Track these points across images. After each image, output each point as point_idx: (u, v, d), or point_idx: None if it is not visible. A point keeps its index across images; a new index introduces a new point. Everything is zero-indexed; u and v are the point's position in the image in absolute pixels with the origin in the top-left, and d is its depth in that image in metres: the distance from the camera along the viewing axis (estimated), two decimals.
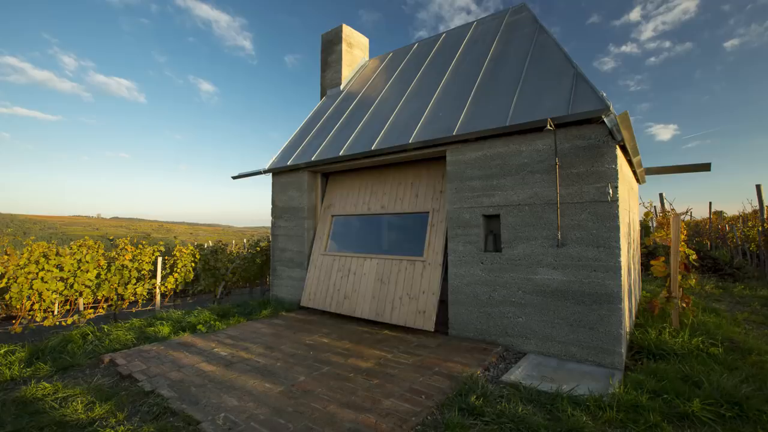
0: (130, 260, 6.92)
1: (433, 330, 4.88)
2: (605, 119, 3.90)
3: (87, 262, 6.19)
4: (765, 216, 9.88)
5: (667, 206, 5.70)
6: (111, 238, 7.64)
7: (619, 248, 3.90)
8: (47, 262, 5.75)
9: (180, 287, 7.86)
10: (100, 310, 6.67)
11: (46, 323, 5.70)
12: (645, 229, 11.82)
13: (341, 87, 9.03)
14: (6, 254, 5.78)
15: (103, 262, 6.51)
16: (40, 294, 5.68)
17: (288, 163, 7.32)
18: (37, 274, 5.61)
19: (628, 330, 4.31)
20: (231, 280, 8.34)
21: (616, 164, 3.96)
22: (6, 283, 5.46)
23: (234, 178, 8.22)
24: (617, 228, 3.92)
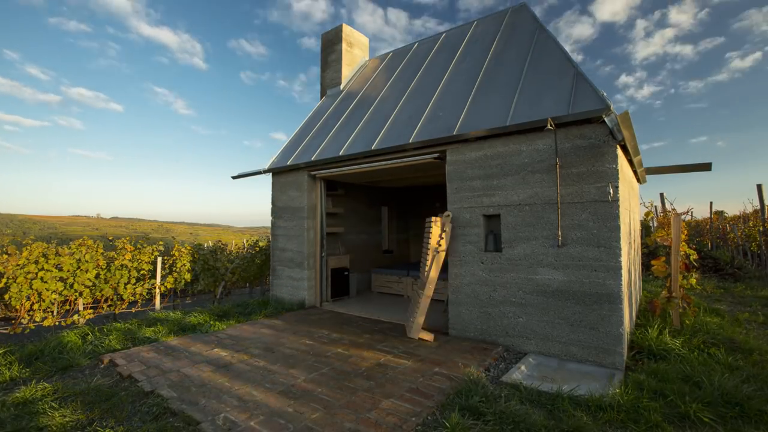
0: (130, 260, 6.90)
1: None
2: (606, 119, 3.89)
3: (86, 261, 6.17)
4: (766, 216, 9.86)
5: (667, 206, 5.69)
6: (110, 238, 7.62)
7: (619, 248, 3.89)
8: (47, 262, 5.73)
9: (180, 287, 7.84)
10: (100, 311, 6.66)
11: (46, 323, 5.69)
12: (646, 228, 11.80)
13: (341, 87, 9.02)
14: (6, 254, 5.76)
15: (102, 262, 6.49)
16: (39, 294, 5.66)
17: (288, 163, 7.31)
18: (36, 274, 5.59)
19: (628, 330, 4.30)
20: (231, 280, 8.33)
21: (616, 164, 3.95)
22: (5, 283, 5.45)
23: (234, 177, 8.22)
24: (618, 228, 3.91)
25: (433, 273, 4.54)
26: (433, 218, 4.93)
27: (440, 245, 4.23)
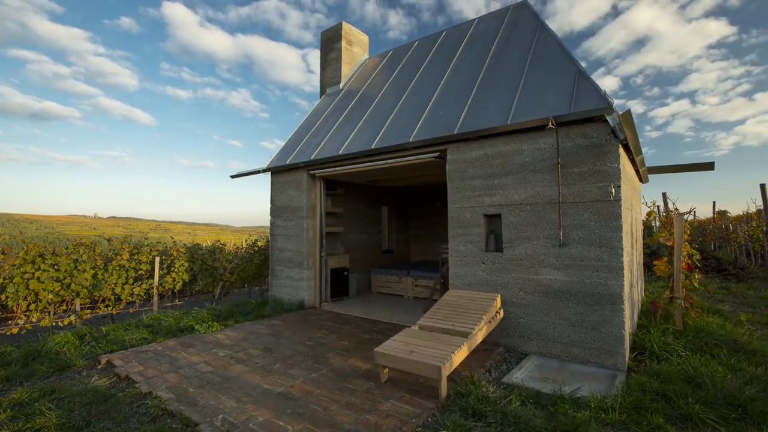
0: (127, 260, 6.85)
1: None
2: (608, 118, 3.86)
3: (84, 261, 6.11)
4: None
5: (670, 206, 5.66)
6: (108, 238, 7.57)
7: (621, 248, 3.86)
8: (43, 262, 5.68)
9: (178, 287, 7.79)
10: (97, 311, 6.61)
11: (43, 324, 5.63)
12: (648, 228, 11.74)
13: (341, 85, 8.98)
14: (2, 253, 5.70)
15: (99, 262, 6.43)
16: (36, 294, 5.61)
17: (287, 162, 7.27)
18: (33, 274, 5.53)
19: (630, 331, 4.27)
20: (229, 280, 8.29)
21: (618, 163, 3.92)
22: (1, 283, 5.40)
23: (233, 177, 8.17)
24: (620, 228, 3.88)
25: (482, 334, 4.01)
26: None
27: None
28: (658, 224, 12.42)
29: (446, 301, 4.51)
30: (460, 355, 3.52)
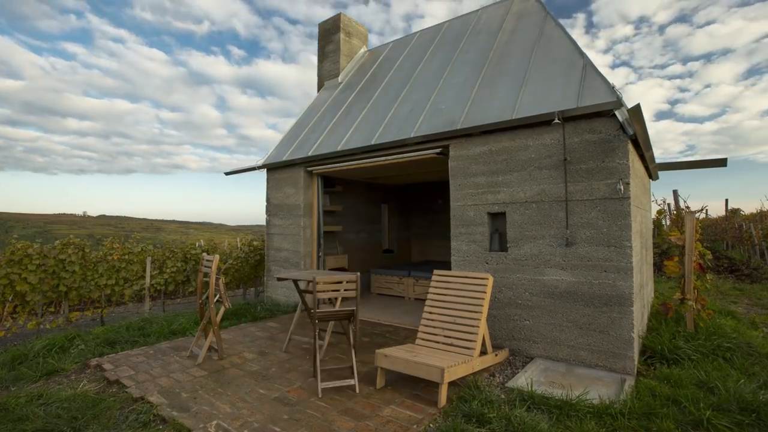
0: (118, 260, 6.68)
1: None
2: (616, 113, 3.73)
3: (72, 262, 5.94)
4: None
5: (681, 204, 5.53)
6: (98, 237, 7.42)
7: (631, 248, 3.73)
8: (31, 262, 5.51)
9: (170, 288, 7.63)
10: (87, 313, 6.46)
11: (30, 326, 5.48)
12: (658, 227, 11.54)
13: (339, 79, 8.80)
14: None
15: (89, 263, 6.26)
16: (23, 296, 5.45)
17: (283, 159, 7.12)
18: (19, 275, 5.37)
19: (640, 333, 4.16)
20: (223, 281, 8.14)
21: (627, 159, 3.79)
22: None
23: (227, 174, 8.02)
24: (629, 226, 3.75)
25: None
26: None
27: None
28: (668, 223, 12.21)
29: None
30: (464, 367, 3.46)
